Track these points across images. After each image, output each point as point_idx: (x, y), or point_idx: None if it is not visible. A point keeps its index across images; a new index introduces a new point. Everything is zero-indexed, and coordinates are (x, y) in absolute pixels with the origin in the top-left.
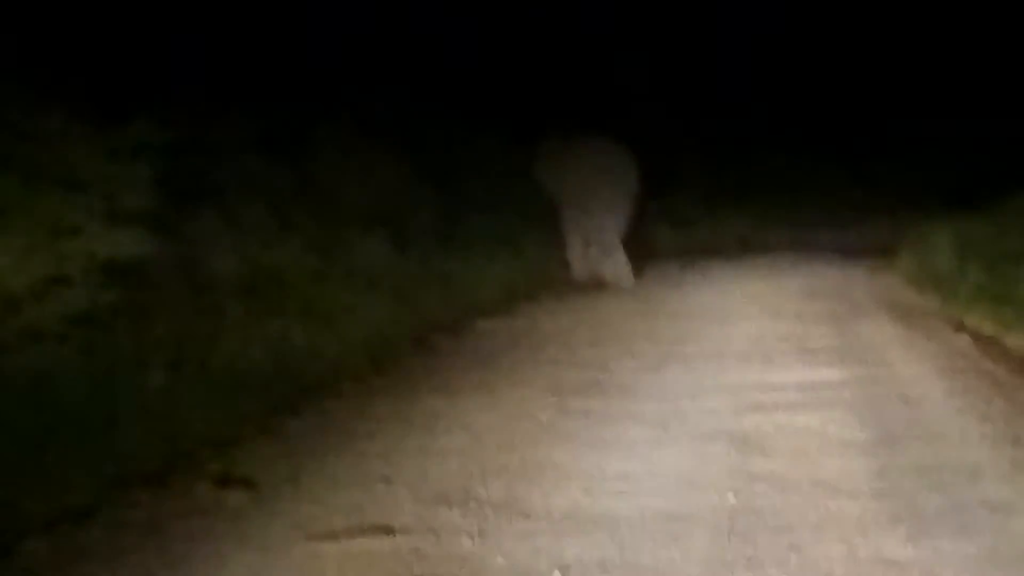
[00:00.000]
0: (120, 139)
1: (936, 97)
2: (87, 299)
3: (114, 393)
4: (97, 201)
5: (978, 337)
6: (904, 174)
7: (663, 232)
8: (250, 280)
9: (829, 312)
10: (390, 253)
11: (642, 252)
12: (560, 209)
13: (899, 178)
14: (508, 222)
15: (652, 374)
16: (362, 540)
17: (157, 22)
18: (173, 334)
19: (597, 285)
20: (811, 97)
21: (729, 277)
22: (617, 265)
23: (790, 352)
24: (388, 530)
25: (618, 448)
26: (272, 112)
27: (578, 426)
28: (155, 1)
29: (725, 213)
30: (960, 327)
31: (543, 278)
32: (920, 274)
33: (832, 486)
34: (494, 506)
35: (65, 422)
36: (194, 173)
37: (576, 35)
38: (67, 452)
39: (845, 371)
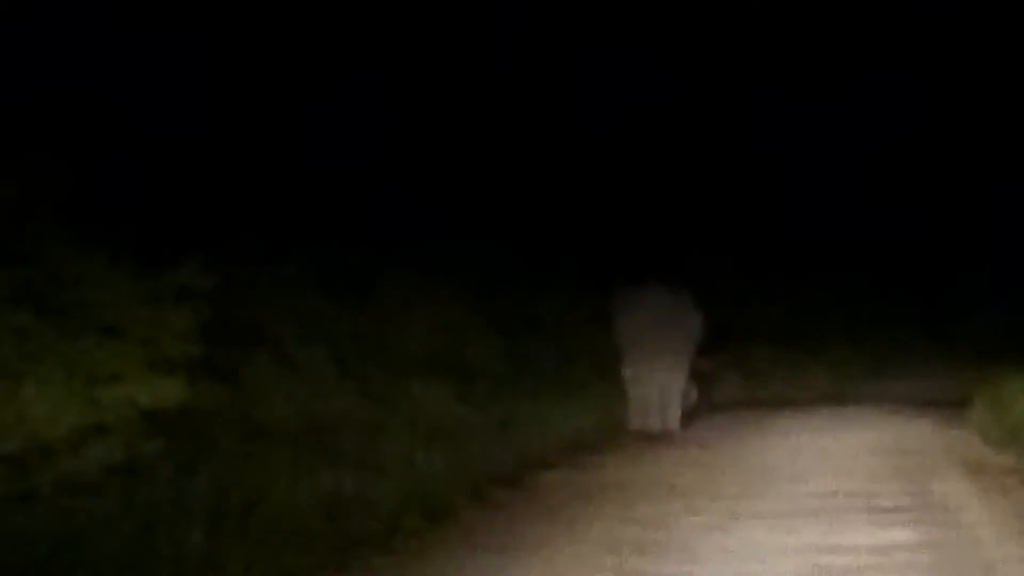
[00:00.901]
0: (163, 284)
1: (1009, 244)
2: (125, 449)
3: (152, 548)
4: (136, 347)
5: None
6: (980, 324)
7: (734, 383)
8: (303, 428)
9: (900, 469)
10: (452, 401)
11: (710, 403)
12: (626, 358)
13: (975, 328)
14: (576, 371)
15: (715, 533)
16: None
17: (217, 166)
18: (217, 485)
19: (658, 437)
20: (882, 247)
21: (799, 431)
22: (675, 417)
23: (861, 511)
24: None
25: None
26: (336, 255)
27: None
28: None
29: (798, 364)
30: None
31: (608, 429)
32: (994, 429)
33: None
34: None
35: None
36: (246, 318)
37: (650, 186)
38: None
39: (918, 533)
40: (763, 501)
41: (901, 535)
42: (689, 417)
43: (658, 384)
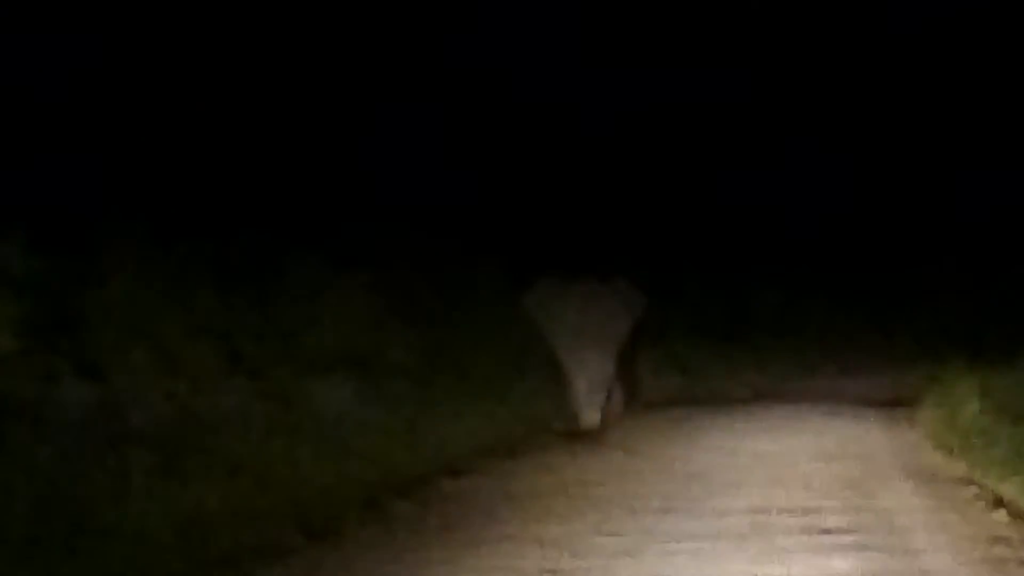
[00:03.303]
0: None
1: (958, 239)
2: None
3: None
4: None
5: (1017, 515)
6: (926, 320)
7: (668, 380)
8: (179, 431)
9: (843, 478)
10: (353, 400)
11: (641, 402)
12: (550, 354)
13: (920, 324)
14: (495, 366)
15: (625, 562)
16: None
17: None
18: (71, 498)
19: (583, 437)
20: (828, 241)
21: (735, 432)
22: (601, 414)
23: (797, 532)
24: None
25: None
26: (236, 241)
27: None
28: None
29: (736, 361)
30: (996, 502)
31: (529, 430)
32: (945, 432)
33: None
34: None
35: None
36: (119, 309)
37: (578, 173)
38: None
39: (863, 562)
40: (687, 519)
41: (842, 565)
42: (618, 416)
43: (586, 380)
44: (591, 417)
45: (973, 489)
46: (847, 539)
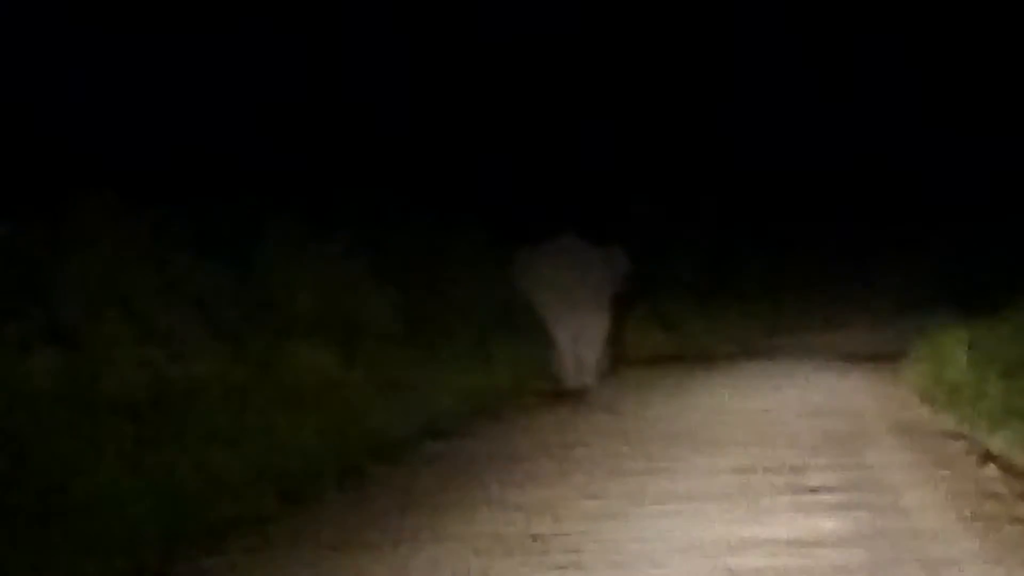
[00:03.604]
0: None
1: (947, 191)
2: None
3: None
4: None
5: (1008, 469)
6: (913, 273)
7: (653, 337)
8: (154, 398)
9: (830, 435)
10: (336, 363)
11: (627, 358)
12: (536, 313)
13: (908, 278)
14: (479, 328)
15: (609, 525)
16: None
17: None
18: (41, 468)
19: (568, 397)
20: (815, 192)
21: (720, 389)
22: (590, 372)
23: (783, 492)
24: None
25: None
26: (212, 204)
27: None
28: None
29: (721, 316)
30: (986, 456)
31: (512, 390)
32: (932, 386)
33: None
34: None
35: None
36: (92, 274)
37: (564, 132)
38: None
39: (851, 522)
40: (671, 479)
41: (829, 525)
42: (602, 375)
43: (570, 341)
44: (576, 378)
45: (962, 443)
46: (834, 498)
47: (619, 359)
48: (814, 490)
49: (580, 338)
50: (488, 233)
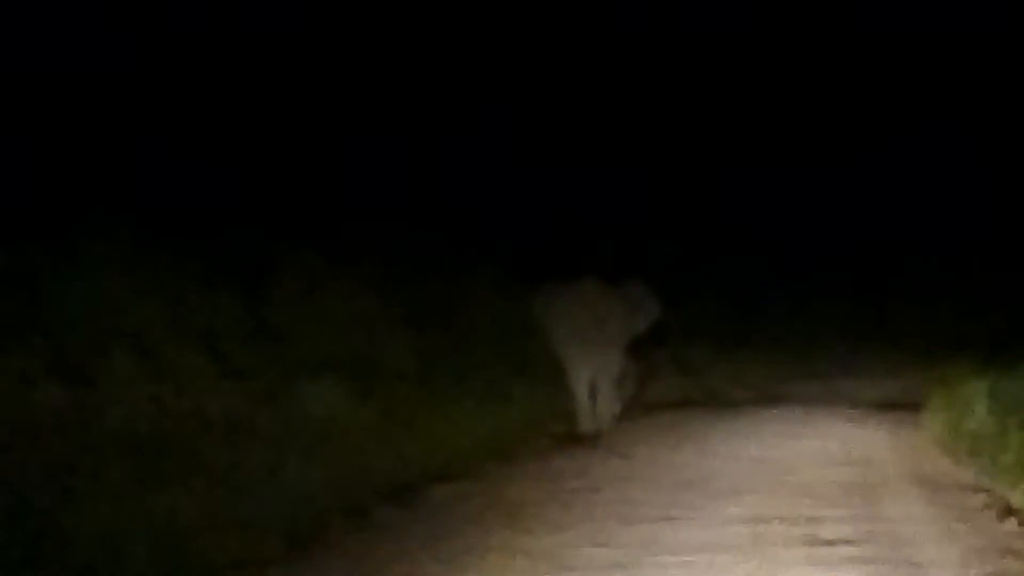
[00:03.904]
0: None
1: (967, 241)
2: None
3: None
4: None
5: None
6: (934, 322)
7: (669, 382)
8: (156, 436)
9: (847, 486)
10: (344, 402)
11: (642, 404)
12: (552, 356)
13: (928, 326)
14: (497, 369)
15: (617, 574)
16: None
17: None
18: (39, 505)
19: (581, 442)
20: (836, 239)
21: (736, 436)
22: (606, 417)
23: (798, 544)
24: None
25: None
26: (226, 239)
27: None
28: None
29: (739, 362)
30: (1006, 511)
31: (524, 433)
32: (952, 437)
33: None
34: None
35: None
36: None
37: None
38: None
39: None
40: (684, 528)
41: None
42: (619, 419)
43: (588, 381)
44: (591, 422)
45: (982, 497)
46: (850, 551)
47: (639, 404)
48: (830, 542)
49: (597, 381)
50: (507, 273)
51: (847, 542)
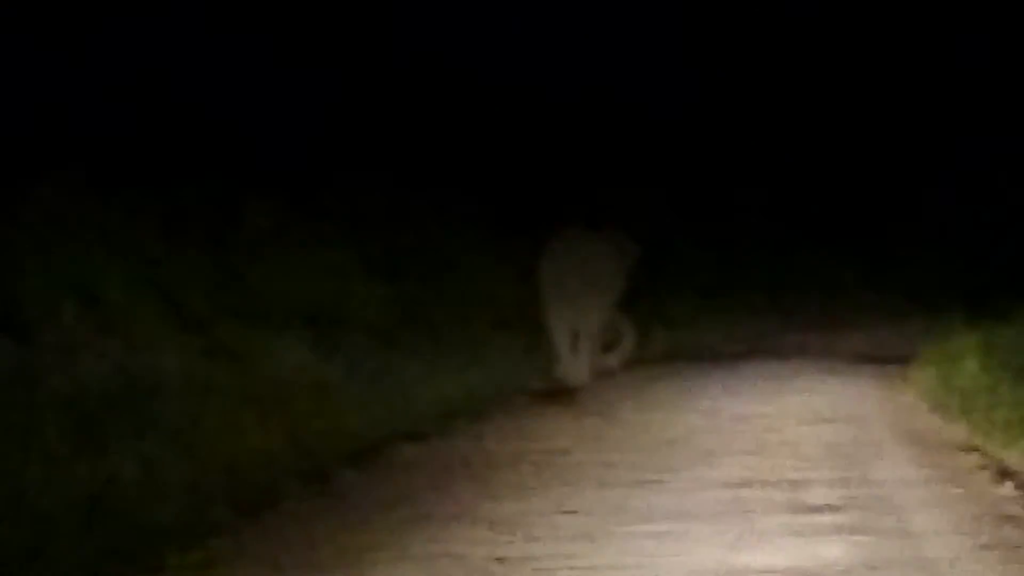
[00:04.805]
0: None
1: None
2: None
3: None
4: None
5: None
6: (922, 272)
7: (654, 334)
8: (103, 395)
9: (833, 446)
10: (309, 359)
11: (625, 358)
12: (532, 310)
13: (917, 276)
14: (474, 323)
15: (584, 546)
16: None
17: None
18: None
19: (558, 398)
20: (823, 188)
21: (720, 390)
22: (584, 371)
23: (781, 510)
24: None
25: None
26: (185, 185)
27: None
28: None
29: (725, 314)
30: (1001, 472)
31: (500, 391)
32: (942, 392)
33: None
34: None
35: None
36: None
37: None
38: None
39: (854, 548)
40: (659, 493)
41: (831, 552)
42: (600, 373)
43: (568, 334)
44: (570, 377)
45: (975, 457)
46: (837, 519)
47: (617, 355)
48: (816, 509)
49: (578, 334)
50: (487, 224)
51: (833, 508)
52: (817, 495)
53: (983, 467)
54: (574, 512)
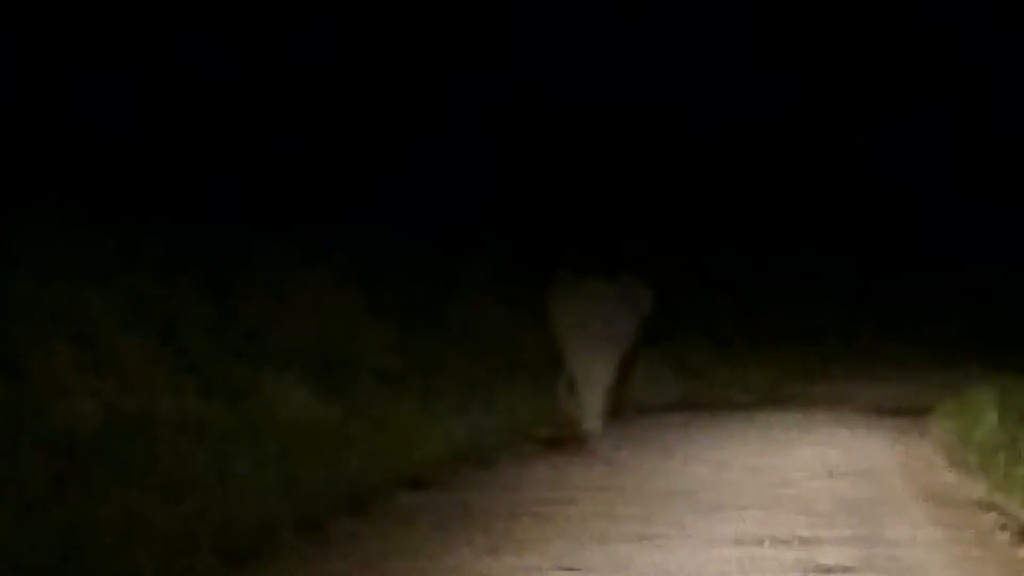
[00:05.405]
0: None
1: (977, 244)
2: None
3: None
4: None
5: None
6: (941, 325)
7: (667, 383)
8: (91, 436)
9: (848, 501)
10: (311, 401)
11: (636, 406)
12: (542, 355)
13: (935, 329)
14: (480, 368)
15: None
16: None
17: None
18: None
19: (567, 446)
20: (842, 239)
21: (733, 440)
22: (596, 417)
23: (792, 570)
24: None
25: None
26: (187, 223)
27: None
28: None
29: (739, 363)
30: (1021, 532)
31: (506, 437)
32: (960, 446)
33: None
34: None
35: None
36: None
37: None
38: None
39: None
40: (664, 550)
41: None
42: (612, 420)
43: (578, 380)
44: (579, 424)
45: (994, 516)
46: None
47: (633, 406)
48: (828, 570)
49: (587, 380)
50: (495, 268)
51: (846, 570)
52: (830, 554)
53: (1002, 527)
54: (574, 569)
